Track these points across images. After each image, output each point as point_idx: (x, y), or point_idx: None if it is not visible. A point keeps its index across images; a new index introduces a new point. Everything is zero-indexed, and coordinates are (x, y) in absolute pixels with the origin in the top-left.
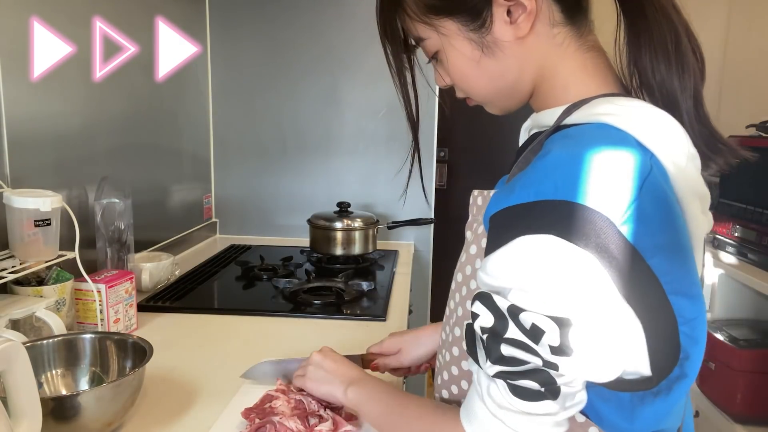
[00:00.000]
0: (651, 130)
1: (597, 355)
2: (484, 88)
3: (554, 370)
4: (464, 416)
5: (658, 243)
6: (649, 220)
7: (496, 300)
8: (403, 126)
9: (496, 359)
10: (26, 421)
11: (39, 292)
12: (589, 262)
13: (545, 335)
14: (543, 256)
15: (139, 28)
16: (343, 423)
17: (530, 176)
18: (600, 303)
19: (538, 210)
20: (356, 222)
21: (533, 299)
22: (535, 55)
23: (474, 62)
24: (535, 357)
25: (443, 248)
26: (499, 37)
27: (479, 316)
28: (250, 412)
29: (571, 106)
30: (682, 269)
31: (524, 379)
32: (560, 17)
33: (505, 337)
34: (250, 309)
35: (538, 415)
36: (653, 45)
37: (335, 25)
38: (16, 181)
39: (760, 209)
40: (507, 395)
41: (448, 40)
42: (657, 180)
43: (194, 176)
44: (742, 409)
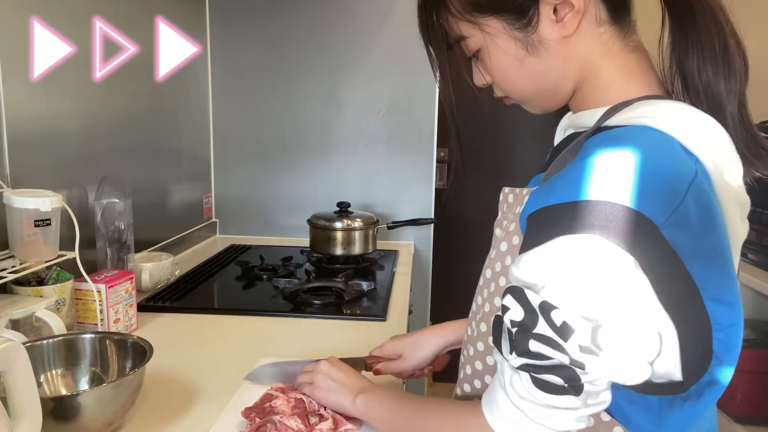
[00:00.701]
0: (695, 133)
1: (625, 358)
2: (525, 87)
3: (580, 368)
4: (486, 406)
5: (699, 249)
6: (692, 225)
7: (528, 295)
8: (403, 126)
9: (522, 352)
10: (26, 421)
11: (39, 292)
12: (629, 264)
13: (575, 333)
14: (582, 256)
15: (139, 28)
16: (344, 422)
17: (572, 176)
18: (635, 305)
19: (579, 210)
20: (356, 222)
21: (567, 297)
22: (580, 55)
23: (517, 61)
24: (562, 354)
25: (443, 248)
26: (544, 35)
27: (509, 309)
28: (250, 411)
29: (612, 108)
30: (721, 276)
31: (548, 373)
32: (606, 16)
33: (534, 332)
34: (250, 309)
35: (559, 408)
36: (701, 47)
37: (335, 25)
38: (16, 181)
39: (760, 209)
40: (529, 387)
41: (492, 38)
42: (702, 185)
43: (194, 176)
44: (742, 409)
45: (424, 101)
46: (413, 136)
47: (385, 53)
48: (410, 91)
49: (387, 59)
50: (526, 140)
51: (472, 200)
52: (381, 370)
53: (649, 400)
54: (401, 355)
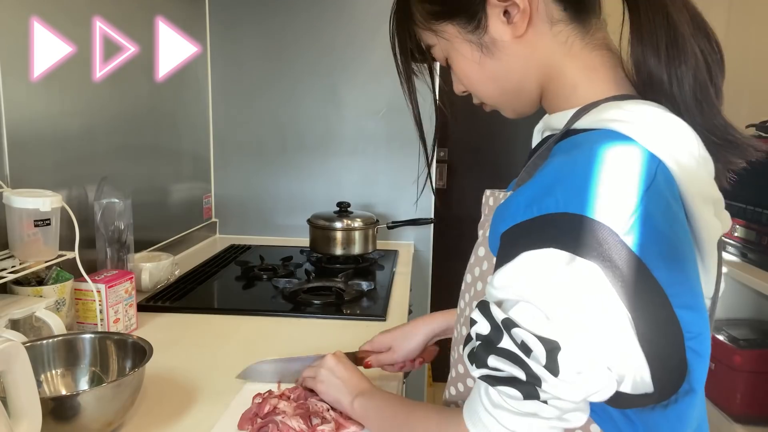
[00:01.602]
0: (658, 135)
1: (588, 377)
2: (490, 89)
3: (538, 385)
4: (467, 415)
5: (663, 254)
6: (653, 230)
7: (493, 310)
8: (403, 126)
9: (481, 365)
10: (26, 421)
11: (39, 292)
12: (593, 272)
13: (533, 353)
14: (543, 270)
15: (139, 28)
16: (346, 425)
17: (532, 190)
18: (601, 318)
19: (539, 225)
20: (356, 222)
21: (528, 316)
22: (538, 54)
23: (475, 64)
24: (518, 369)
25: (443, 248)
26: (496, 37)
27: (477, 322)
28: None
29: (579, 110)
30: (687, 281)
31: (506, 386)
32: (561, 15)
33: (498, 347)
34: (250, 309)
35: (535, 416)
36: (642, 37)
37: (335, 25)
38: (16, 181)
39: (760, 209)
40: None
41: (451, 44)
42: (661, 188)
43: (194, 176)
44: (742, 409)
45: (425, 101)
46: (413, 136)
47: (385, 53)
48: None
49: (387, 59)
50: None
51: (472, 200)
52: (372, 363)
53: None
54: (390, 348)
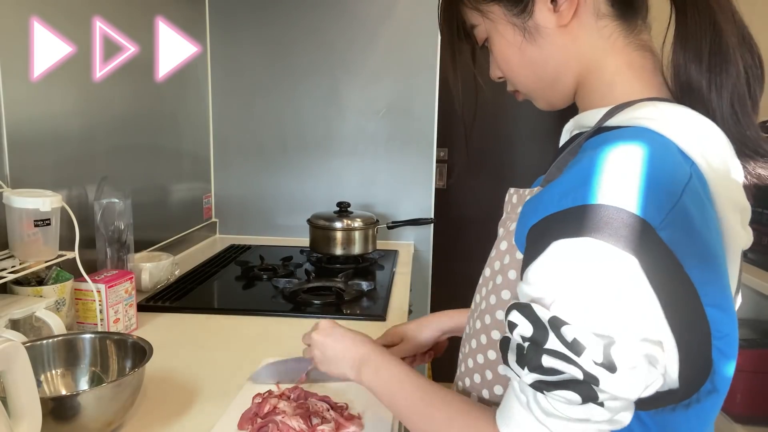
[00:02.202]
0: (693, 137)
1: (638, 371)
2: (526, 76)
3: (595, 384)
4: (503, 425)
5: (697, 252)
6: (689, 227)
7: (536, 310)
8: (403, 126)
9: (534, 368)
10: (26, 421)
11: (39, 292)
12: (629, 264)
13: (587, 350)
14: (581, 261)
15: (139, 28)
16: (346, 425)
17: (566, 183)
18: (642, 312)
19: (574, 215)
20: (356, 222)
21: (577, 312)
22: (579, 46)
23: (516, 48)
24: (576, 368)
25: (443, 248)
26: (541, 23)
27: (518, 325)
28: (245, 422)
29: (613, 108)
30: (718, 281)
31: (563, 389)
32: (608, 10)
33: (546, 348)
34: (250, 309)
35: (588, 421)
36: (686, 42)
37: (335, 26)
38: (16, 181)
39: (760, 209)
40: (556, 402)
41: (494, 25)
42: (696, 188)
43: (194, 176)
44: (742, 409)
45: (424, 101)
46: (413, 136)
47: (385, 53)
48: (410, 91)
49: (387, 59)
50: (527, 140)
51: (472, 200)
52: None
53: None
54: (403, 340)
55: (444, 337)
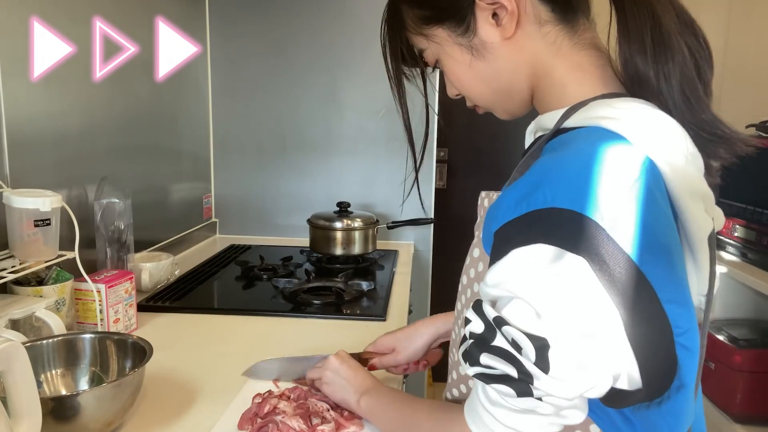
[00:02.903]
0: (646, 131)
1: (580, 374)
2: (481, 91)
3: (530, 382)
4: (467, 413)
5: (650, 249)
6: (640, 225)
7: (486, 309)
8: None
9: (473, 363)
10: (26, 421)
11: (39, 292)
12: (581, 267)
13: (523, 350)
14: (533, 265)
15: (139, 28)
16: (346, 425)
17: (521, 188)
18: (591, 314)
19: (528, 221)
20: (356, 222)
21: (519, 313)
22: (527, 55)
23: (466, 66)
24: (511, 367)
25: (443, 248)
26: (486, 39)
27: (471, 321)
28: (245, 422)
29: (569, 109)
30: (674, 276)
31: (500, 383)
32: (549, 16)
33: (491, 345)
34: (250, 309)
35: (533, 413)
36: (628, 35)
37: (335, 25)
38: (16, 181)
39: (760, 209)
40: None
41: (442, 48)
42: (648, 183)
43: (194, 176)
44: (742, 409)
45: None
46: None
47: None
48: (410, 91)
49: None
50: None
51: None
52: (375, 365)
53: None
54: (394, 349)
55: (438, 342)
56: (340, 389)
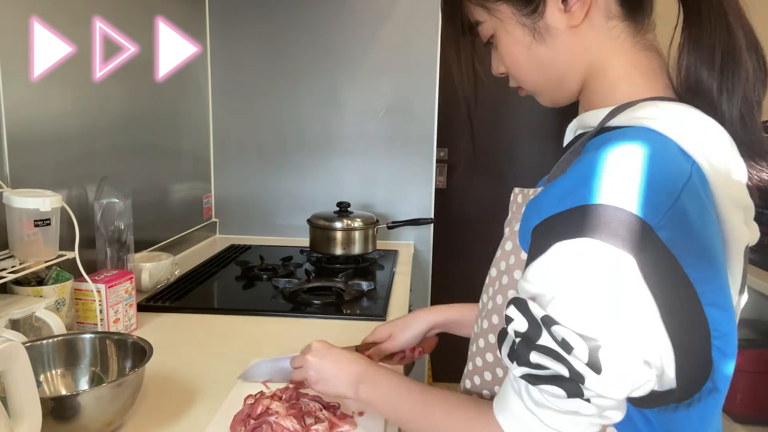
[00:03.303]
0: (694, 136)
1: (628, 373)
2: (533, 75)
3: (581, 382)
4: (499, 412)
5: (696, 251)
6: (688, 227)
7: (531, 307)
8: (403, 126)
9: (523, 363)
10: (26, 421)
11: (39, 292)
12: (627, 263)
13: (575, 350)
14: (579, 261)
15: (139, 28)
16: (339, 424)
17: (567, 183)
18: (637, 311)
19: (574, 216)
20: (356, 222)
21: (567, 312)
22: (588, 47)
23: (525, 48)
24: (562, 366)
25: (443, 248)
26: (551, 23)
27: (513, 320)
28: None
29: (616, 108)
30: (717, 280)
31: (549, 384)
32: (618, 11)
33: (538, 344)
34: (250, 309)
35: (576, 414)
36: (698, 43)
37: (335, 25)
38: (16, 181)
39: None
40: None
41: (502, 24)
42: (696, 187)
43: (194, 176)
44: (742, 409)
45: (424, 101)
46: (413, 136)
47: (385, 53)
48: (410, 91)
49: (387, 59)
50: (526, 140)
51: (471, 200)
52: (372, 355)
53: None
54: (391, 335)
55: (433, 332)
56: (332, 386)
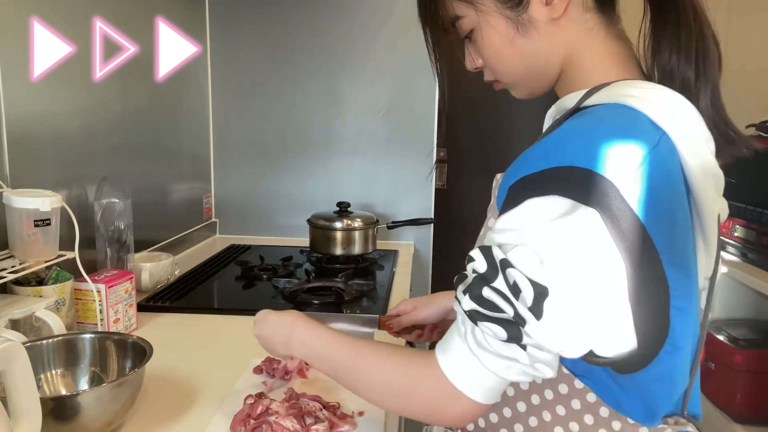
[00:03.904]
0: (665, 110)
1: (567, 331)
2: (515, 67)
3: (522, 325)
4: (440, 353)
5: (659, 214)
6: (651, 190)
7: (494, 251)
8: (403, 126)
9: (474, 297)
10: (26, 421)
11: (39, 292)
12: (593, 219)
13: (521, 294)
14: (545, 214)
15: (139, 28)
16: (339, 424)
17: (543, 147)
18: (595, 267)
19: (547, 176)
20: (356, 222)
21: (525, 258)
22: (566, 38)
23: (507, 40)
24: (509, 306)
25: (443, 248)
26: (534, 16)
27: (474, 260)
28: (237, 424)
29: (591, 89)
30: (681, 243)
31: (493, 323)
32: (592, 3)
33: (491, 285)
34: (250, 309)
35: (510, 359)
36: (678, 36)
37: (335, 25)
38: (16, 181)
39: (760, 209)
40: (488, 336)
41: (485, 17)
42: (662, 154)
43: (194, 176)
44: (742, 409)
45: (424, 101)
46: (413, 136)
47: (385, 53)
48: (410, 91)
49: (387, 59)
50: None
51: (472, 200)
52: (393, 325)
53: None
54: (415, 307)
55: (450, 316)
56: (272, 348)
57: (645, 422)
